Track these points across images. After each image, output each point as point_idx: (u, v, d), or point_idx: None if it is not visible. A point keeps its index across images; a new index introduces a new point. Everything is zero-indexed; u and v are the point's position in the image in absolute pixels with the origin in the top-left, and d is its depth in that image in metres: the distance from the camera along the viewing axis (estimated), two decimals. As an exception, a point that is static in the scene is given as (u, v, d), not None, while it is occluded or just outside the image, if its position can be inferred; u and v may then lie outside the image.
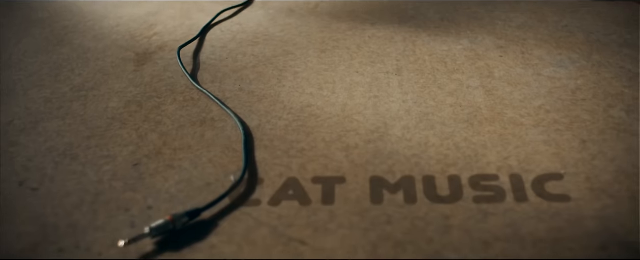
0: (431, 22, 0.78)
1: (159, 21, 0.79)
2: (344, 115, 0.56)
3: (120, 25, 0.79)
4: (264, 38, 0.74)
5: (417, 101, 0.59)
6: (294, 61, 0.67)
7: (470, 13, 0.80)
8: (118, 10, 0.83)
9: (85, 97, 0.61)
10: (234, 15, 0.81)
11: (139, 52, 0.70)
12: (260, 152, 0.51)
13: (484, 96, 0.60)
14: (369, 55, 0.68)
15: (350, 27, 0.76)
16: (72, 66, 0.68)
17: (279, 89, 0.61)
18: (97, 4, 0.86)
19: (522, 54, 0.69)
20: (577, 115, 0.57)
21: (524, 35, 0.74)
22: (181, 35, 0.75)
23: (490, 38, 0.73)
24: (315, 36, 0.74)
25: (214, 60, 0.68)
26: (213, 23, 0.78)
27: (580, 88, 0.62)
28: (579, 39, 0.73)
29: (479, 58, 0.68)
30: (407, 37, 0.73)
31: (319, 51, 0.70)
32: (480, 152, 0.51)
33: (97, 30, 0.77)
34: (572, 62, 0.67)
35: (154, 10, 0.83)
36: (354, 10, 0.82)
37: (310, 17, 0.80)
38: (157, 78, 0.64)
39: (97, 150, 0.52)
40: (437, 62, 0.67)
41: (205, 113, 0.57)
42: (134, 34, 0.76)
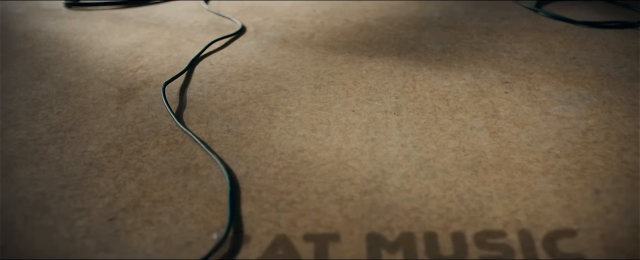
0: (432, 53, 0.75)
1: (146, 52, 0.76)
2: (338, 161, 0.53)
3: (105, 56, 0.76)
4: (255, 72, 0.70)
5: (417, 145, 0.55)
6: (286, 98, 0.64)
7: (473, 44, 0.77)
8: (104, 41, 0.80)
9: (62, 140, 0.57)
10: (225, 46, 0.78)
11: (122, 88, 0.67)
12: (247, 205, 0.48)
13: (489, 139, 0.56)
14: (366, 91, 0.65)
15: (346, 59, 0.73)
16: (51, 103, 0.64)
17: (269, 131, 0.58)
18: (83, 34, 0.83)
19: (528, 90, 0.66)
20: (588, 161, 0.54)
21: (529, 68, 0.71)
22: (168, 68, 0.72)
23: (494, 72, 0.70)
24: (309, 70, 0.71)
25: (201, 97, 0.64)
26: (202, 55, 0.75)
27: (591, 129, 0.58)
28: (588, 73, 0.70)
29: (483, 95, 0.65)
30: (407, 70, 0.70)
31: (313, 87, 0.66)
32: (485, 205, 0.48)
33: (80, 63, 0.74)
34: (581, 99, 0.64)
35: (140, 40, 0.80)
36: (351, 41, 0.79)
37: (305, 49, 0.77)
38: (140, 117, 0.61)
39: (70, 202, 0.49)
40: (438, 100, 0.63)
41: (189, 158, 0.54)
42: (119, 67, 0.72)
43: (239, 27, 0.84)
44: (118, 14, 0.91)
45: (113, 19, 0.89)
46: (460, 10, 0.91)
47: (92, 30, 0.85)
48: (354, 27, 0.84)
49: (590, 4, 0.94)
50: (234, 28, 0.84)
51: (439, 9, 0.91)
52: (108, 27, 0.85)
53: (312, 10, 0.91)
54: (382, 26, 0.84)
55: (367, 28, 0.83)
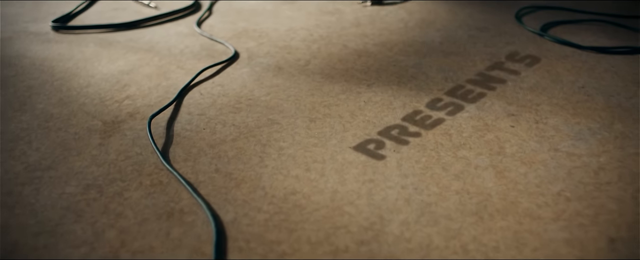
0: (434, 82, 0.72)
1: (133, 81, 0.74)
2: (333, 205, 0.50)
3: (91, 85, 0.73)
4: (247, 103, 0.68)
5: (418, 187, 0.52)
6: (279, 133, 0.61)
7: (476, 71, 0.75)
8: (90, 67, 0.78)
9: (39, 180, 0.54)
10: (217, 74, 0.75)
11: (106, 121, 0.64)
12: (234, 257, 0.45)
13: (495, 179, 0.53)
14: (364, 125, 0.62)
15: (343, 89, 0.70)
16: (30, 137, 0.61)
17: (260, 170, 0.55)
18: (70, 60, 0.80)
19: (536, 123, 0.63)
20: (602, 205, 0.50)
21: (536, 99, 0.68)
22: (156, 98, 0.69)
23: (499, 103, 0.67)
24: (304, 101, 0.68)
25: (190, 132, 0.61)
26: (192, 84, 0.72)
27: (603, 167, 0.55)
28: (598, 104, 0.67)
29: (487, 129, 0.62)
30: (407, 102, 0.67)
31: (308, 120, 0.63)
32: (491, 256, 0.45)
33: (64, 92, 0.71)
34: (592, 134, 0.61)
35: (129, 67, 0.77)
36: (348, 69, 0.76)
37: (300, 77, 0.74)
38: (124, 154, 0.58)
39: (44, 253, 0.46)
40: (440, 135, 0.60)
41: (173, 202, 0.51)
42: (104, 97, 0.70)
43: (231, 53, 0.81)
44: (107, 38, 0.88)
45: (101, 43, 0.86)
46: (463, 35, 0.88)
47: (79, 55, 0.82)
48: (352, 53, 0.81)
49: (598, 28, 0.91)
50: (226, 54, 0.81)
51: (441, 33, 0.88)
52: (96, 52, 0.83)
53: (308, 34, 0.88)
54: (382, 52, 0.81)
55: (365, 54, 0.81)
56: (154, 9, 1.01)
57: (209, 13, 0.99)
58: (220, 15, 0.97)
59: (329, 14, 0.97)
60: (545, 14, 0.98)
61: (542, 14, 0.98)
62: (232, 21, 0.94)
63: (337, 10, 0.98)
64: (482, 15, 0.97)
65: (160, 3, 1.04)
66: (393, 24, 0.92)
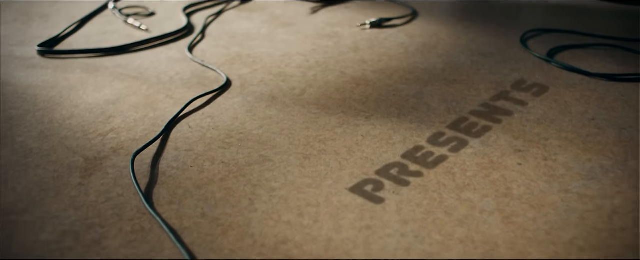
0: (436, 114, 0.69)
1: (119, 112, 0.71)
2: (327, 256, 0.47)
3: (74, 116, 0.70)
4: (238, 137, 0.64)
5: (419, 234, 0.49)
6: (271, 172, 0.58)
7: (480, 101, 0.72)
8: (75, 96, 0.75)
9: (13, 225, 0.51)
10: (207, 104, 0.72)
11: (88, 157, 0.61)
12: (218, 318, 0.41)
13: (502, 225, 0.50)
14: (361, 163, 0.59)
15: (340, 121, 0.67)
16: (7, 176, 0.58)
17: (249, 215, 0.51)
18: (54, 88, 0.77)
19: (544, 161, 0.60)
20: (618, 255, 0.47)
21: (545, 132, 0.65)
22: (142, 132, 0.66)
23: (505, 137, 0.64)
24: (298, 135, 0.65)
25: (176, 170, 0.58)
26: (181, 115, 0.69)
27: (617, 211, 0.52)
28: (610, 138, 0.64)
29: (493, 167, 0.58)
30: (408, 136, 0.64)
31: (302, 157, 0.60)
32: (500, 318, 0.41)
33: (45, 124, 0.68)
34: (604, 172, 0.58)
35: (115, 96, 0.74)
36: (345, 99, 0.73)
37: (295, 108, 0.71)
38: (104, 196, 0.55)
39: (11, 311, 0.42)
40: (443, 174, 0.57)
41: (155, 252, 0.47)
42: (87, 130, 0.66)
43: (223, 80, 0.78)
44: (94, 64, 0.85)
45: (88, 69, 0.84)
46: (466, 60, 0.85)
47: (63, 83, 0.79)
48: (350, 81, 0.78)
49: (607, 52, 0.88)
50: (218, 82, 0.78)
51: (443, 59, 0.86)
52: (82, 79, 0.80)
53: (305, 60, 0.85)
54: (381, 80, 0.78)
55: (364, 82, 0.78)
56: (145, 32, 0.99)
57: (202, 36, 0.96)
58: (213, 39, 0.94)
59: (327, 38, 0.94)
60: (551, 37, 0.95)
61: (548, 38, 0.95)
62: (225, 45, 0.91)
63: (334, 34, 0.96)
64: (486, 39, 0.94)
65: (152, 25, 1.02)
66: (393, 49, 0.90)
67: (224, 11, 1.10)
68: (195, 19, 1.06)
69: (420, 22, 1.03)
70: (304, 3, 1.14)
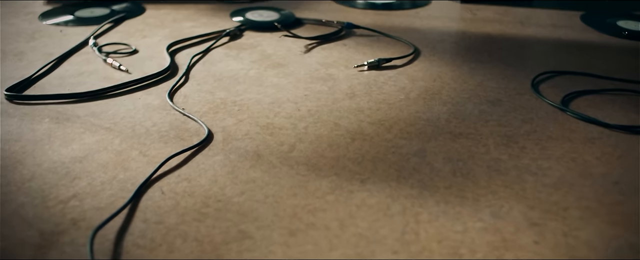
0: (440, 177, 0.62)
1: (85, 172, 0.64)
2: None
3: (35, 177, 0.63)
4: (216, 206, 0.58)
5: None
6: (250, 252, 0.51)
7: (490, 161, 0.65)
8: (39, 152, 0.68)
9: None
10: (184, 163, 0.66)
11: (44, 231, 0.54)
12: None
13: None
14: (355, 241, 0.52)
15: (332, 186, 0.61)
16: (-51, 254, 0.52)
17: (222, 312, 0.44)
18: (17, 142, 0.71)
19: (564, 237, 0.53)
20: None
21: (563, 200, 0.58)
22: (108, 198, 0.59)
23: (519, 207, 0.57)
24: (285, 203, 0.58)
25: (142, 249, 0.52)
26: (154, 177, 0.63)
27: (653, 306, 0.45)
28: (637, 206, 0.57)
29: (506, 246, 0.52)
30: (408, 206, 0.57)
31: (288, 233, 0.54)
32: None
33: (2, 187, 0.62)
34: (634, 253, 0.51)
35: (83, 153, 0.68)
36: (339, 157, 0.66)
37: (282, 169, 0.64)
38: (57, 284, 0.48)
39: None
40: (449, 255, 0.50)
41: None
42: (48, 196, 0.60)
43: (204, 133, 0.72)
44: (65, 112, 0.79)
45: (58, 118, 0.77)
46: (473, 109, 0.79)
47: (29, 135, 0.73)
48: (345, 135, 0.72)
49: (626, 99, 0.82)
50: (198, 135, 0.72)
51: (448, 108, 0.79)
52: (49, 131, 0.73)
53: (295, 109, 0.79)
54: (379, 134, 0.72)
55: (360, 136, 0.71)
56: (125, 73, 0.93)
57: (185, 79, 0.90)
58: (197, 83, 0.88)
59: (321, 81, 0.88)
60: (564, 81, 0.89)
61: (561, 81, 0.89)
62: (209, 90, 0.85)
63: (329, 77, 0.90)
64: (495, 83, 0.88)
65: (133, 64, 0.96)
66: (392, 95, 0.83)
67: (211, 49, 1.04)
68: (180, 57, 1.00)
69: (423, 62, 0.97)
70: (297, 40, 1.08)
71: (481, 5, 1.35)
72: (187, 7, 1.33)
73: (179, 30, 1.15)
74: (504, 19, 1.24)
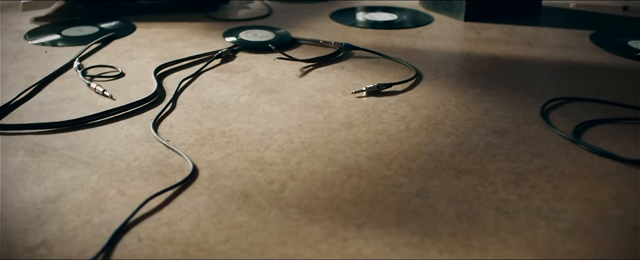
0: (443, 222, 0.57)
1: (58, 214, 0.59)
2: None
3: (4, 220, 0.59)
4: (197, 255, 0.53)
5: None
6: (233, 313, 0.46)
7: (498, 202, 0.60)
8: (10, 190, 0.64)
9: None
10: (165, 205, 0.61)
11: (6, 285, 0.50)
12: None
13: None
14: (349, 300, 0.47)
15: (325, 232, 0.56)
16: None
17: None
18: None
19: (581, 295, 0.48)
20: None
21: (579, 249, 0.54)
22: (79, 246, 0.54)
23: (531, 258, 0.52)
24: (272, 253, 0.53)
25: (112, 310, 0.47)
26: (132, 220, 0.58)
27: None
28: (662, 259, 0.52)
29: (517, 307, 0.47)
30: (409, 255, 0.53)
31: (275, 289, 0.49)
32: None
33: (-35, 232, 0.57)
34: (660, 314, 0.46)
35: (57, 191, 0.63)
36: (334, 198, 0.61)
37: (271, 212, 0.59)
38: None
39: None
40: (453, 319, 0.45)
41: None
42: (14, 243, 0.55)
43: (189, 169, 0.67)
44: (42, 144, 0.74)
45: (34, 151, 0.73)
46: (479, 142, 0.74)
47: (1, 170, 0.68)
48: (340, 172, 0.67)
49: (644, 132, 0.77)
50: (182, 171, 0.67)
51: (452, 139, 0.74)
52: (23, 165, 0.69)
53: (288, 140, 0.74)
54: (377, 170, 0.67)
55: (357, 173, 0.67)
56: (109, 99, 0.88)
57: (172, 106, 0.85)
58: (184, 110, 0.83)
59: (316, 109, 0.83)
60: (575, 108, 0.85)
61: (572, 109, 0.84)
62: (197, 119, 0.81)
63: (325, 104, 0.85)
64: (501, 111, 0.83)
65: (119, 89, 0.91)
66: (392, 125, 0.79)
67: (202, 72, 0.99)
68: (168, 81, 0.95)
69: (425, 87, 0.92)
70: (292, 63, 1.03)
71: (485, 23, 1.31)
72: (179, 25, 1.29)
73: (169, 50, 1.11)
74: (510, 39, 1.19)
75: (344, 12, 1.39)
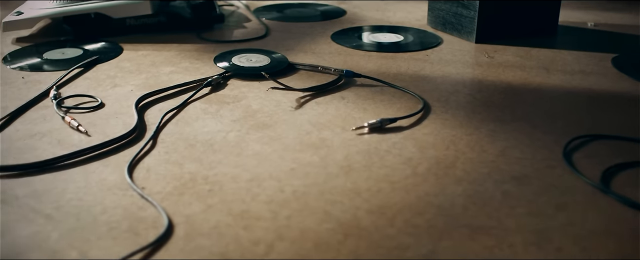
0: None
1: (7, 284, 0.52)
2: None
3: (-57, 291, 0.51)
4: None
5: None
6: None
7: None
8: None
9: None
10: (133, 271, 0.53)
11: None
12: None
13: None
14: None
15: (316, 311, 0.48)
16: None
17: None
18: None
19: None
20: None
21: None
22: None
23: None
24: None
25: None
26: (91, 293, 0.50)
27: None
28: None
29: None
30: None
31: None
32: None
33: None
34: None
35: (13, 251, 0.56)
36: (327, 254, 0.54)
37: (254, 282, 0.52)
38: None
39: None
40: None
41: None
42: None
43: (163, 225, 0.59)
44: (4, 189, 0.68)
45: (-7, 198, 0.65)
46: (494, 191, 0.66)
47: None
48: (336, 230, 0.59)
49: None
50: (156, 227, 0.60)
51: (464, 188, 0.67)
52: (-23, 218, 0.62)
53: (278, 189, 0.67)
54: (379, 227, 0.60)
55: (355, 231, 0.59)
56: (84, 134, 0.81)
57: (152, 144, 0.78)
58: (165, 150, 0.76)
59: (312, 149, 0.76)
60: (602, 147, 0.77)
61: (598, 148, 0.76)
62: (178, 161, 0.73)
63: (322, 143, 0.77)
64: (519, 152, 0.75)
65: (96, 123, 0.84)
66: (397, 169, 0.71)
67: (188, 103, 0.92)
68: (151, 113, 0.88)
69: (433, 122, 0.84)
70: (288, 92, 0.96)
71: (498, 45, 1.23)
72: (169, 47, 1.21)
73: (155, 77, 1.04)
74: (525, 63, 1.12)
75: (347, 32, 1.32)
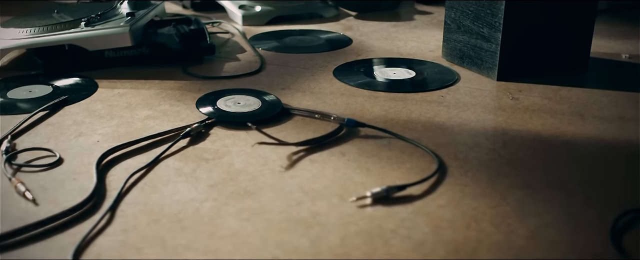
0: None
1: None
2: None
3: None
4: None
5: None
6: None
7: None
8: None
9: None
10: None
11: None
12: None
13: None
14: None
15: None
16: None
17: None
18: None
19: None
20: None
21: None
22: None
23: None
24: None
25: None
26: None
27: None
28: None
29: None
30: None
31: None
32: None
33: None
34: None
35: None
36: None
37: None
38: None
39: None
40: None
41: None
42: None
43: None
44: None
45: None
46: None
47: None
48: None
49: None
50: None
51: None
52: None
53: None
54: None
55: None
56: (31, 203, 0.69)
57: (110, 217, 0.66)
58: (123, 227, 0.63)
59: (301, 227, 0.63)
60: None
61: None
62: (136, 244, 0.61)
63: (314, 218, 0.65)
64: (555, 232, 0.63)
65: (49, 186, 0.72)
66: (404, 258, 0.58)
67: (161, 160, 0.80)
68: (115, 174, 0.76)
69: (451, 189, 0.72)
70: (278, 147, 0.83)
71: (523, 84, 1.10)
72: (150, 84, 1.10)
73: (128, 123, 0.92)
74: (555, 107, 0.99)
75: (351, 66, 1.19)
